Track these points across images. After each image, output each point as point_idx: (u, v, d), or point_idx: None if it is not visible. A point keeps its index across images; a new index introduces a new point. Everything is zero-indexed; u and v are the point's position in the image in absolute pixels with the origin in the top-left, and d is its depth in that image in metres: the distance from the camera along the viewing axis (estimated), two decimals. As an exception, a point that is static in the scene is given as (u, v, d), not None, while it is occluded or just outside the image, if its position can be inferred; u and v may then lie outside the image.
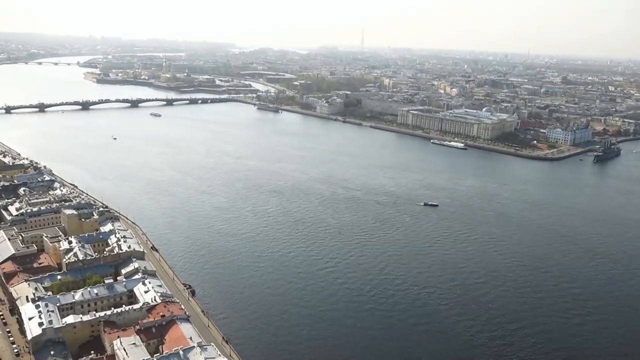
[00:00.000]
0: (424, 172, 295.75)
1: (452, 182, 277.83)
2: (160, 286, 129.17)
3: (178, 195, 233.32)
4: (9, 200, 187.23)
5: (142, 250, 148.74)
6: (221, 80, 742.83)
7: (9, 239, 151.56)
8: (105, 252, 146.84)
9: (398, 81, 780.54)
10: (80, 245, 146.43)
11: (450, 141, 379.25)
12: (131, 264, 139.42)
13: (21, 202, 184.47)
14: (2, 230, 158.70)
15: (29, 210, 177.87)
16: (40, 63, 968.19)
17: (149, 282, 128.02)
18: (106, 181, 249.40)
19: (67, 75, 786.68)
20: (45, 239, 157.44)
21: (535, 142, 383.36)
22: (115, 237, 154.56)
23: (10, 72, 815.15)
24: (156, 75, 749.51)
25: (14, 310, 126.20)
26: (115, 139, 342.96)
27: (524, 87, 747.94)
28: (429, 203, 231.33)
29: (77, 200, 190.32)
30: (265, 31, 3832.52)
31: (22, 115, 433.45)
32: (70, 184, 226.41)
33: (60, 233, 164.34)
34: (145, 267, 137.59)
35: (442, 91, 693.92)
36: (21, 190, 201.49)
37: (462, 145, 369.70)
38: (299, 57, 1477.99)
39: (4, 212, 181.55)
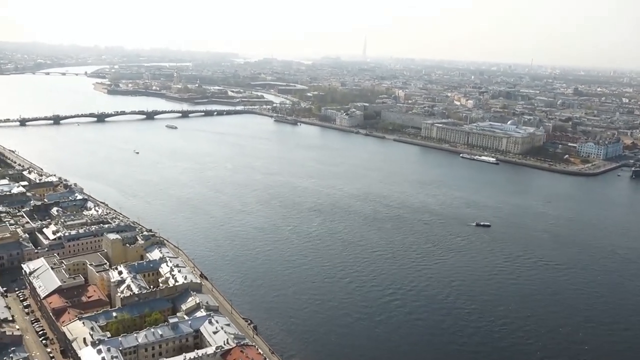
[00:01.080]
0: (462, 189, 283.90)
1: (493, 199, 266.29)
2: (229, 325, 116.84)
3: (214, 214, 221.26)
4: (44, 223, 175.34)
5: (199, 281, 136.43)
6: (233, 92, 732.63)
7: (52, 268, 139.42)
8: (160, 284, 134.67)
9: (410, 93, 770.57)
10: (132, 276, 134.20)
11: (480, 155, 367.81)
12: (190, 298, 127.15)
13: (57, 225, 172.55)
14: (43, 258, 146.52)
15: (66, 234, 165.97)
16: (47, 73, 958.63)
17: (217, 321, 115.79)
18: (137, 199, 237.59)
19: (76, 85, 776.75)
20: (90, 267, 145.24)
21: (567, 156, 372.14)
22: (167, 265, 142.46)
23: (19, 82, 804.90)
24: (167, 86, 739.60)
25: (67, 351, 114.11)
26: (137, 153, 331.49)
27: (539, 99, 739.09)
28: (481, 223, 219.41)
29: (116, 222, 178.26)
30: (266, 40, 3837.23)
31: (38, 127, 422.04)
32: (101, 202, 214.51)
33: (104, 260, 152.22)
34: (207, 302, 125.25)
35: (457, 103, 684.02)
36: (54, 211, 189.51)
37: (494, 159, 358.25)
38: (305, 67, 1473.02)
39: (39, 235, 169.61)
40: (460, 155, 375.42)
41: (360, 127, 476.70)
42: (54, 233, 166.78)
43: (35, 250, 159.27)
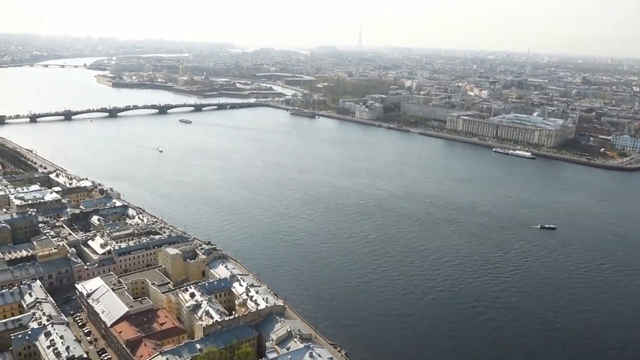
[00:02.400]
0: (506, 187, 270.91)
1: (543, 198, 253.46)
2: (332, 358, 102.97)
3: (260, 219, 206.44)
4: (89, 234, 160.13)
5: (281, 303, 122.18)
6: (240, 83, 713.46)
7: (114, 290, 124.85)
8: (237, 307, 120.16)
9: (421, 83, 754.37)
10: (207, 299, 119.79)
11: (514, 150, 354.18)
12: (277, 325, 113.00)
13: (103, 236, 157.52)
14: (100, 278, 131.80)
15: (116, 248, 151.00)
16: (46, 66, 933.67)
17: (319, 354, 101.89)
18: (173, 202, 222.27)
19: (78, 78, 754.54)
20: (153, 287, 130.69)
21: (602, 149, 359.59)
22: (241, 285, 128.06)
23: (19, 75, 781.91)
24: (172, 79, 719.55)
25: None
26: (161, 151, 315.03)
27: (552, 89, 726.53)
28: (546, 226, 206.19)
29: (167, 233, 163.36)
30: (259, 29, 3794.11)
31: (49, 124, 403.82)
32: (138, 208, 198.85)
33: (165, 278, 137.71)
34: (299, 330, 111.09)
35: (471, 93, 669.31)
36: (94, 220, 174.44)
37: (530, 154, 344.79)
38: (304, 57, 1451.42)
39: (84, 248, 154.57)
40: (493, 149, 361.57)
41: (381, 120, 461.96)
42: (102, 246, 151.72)
43: (85, 267, 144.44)
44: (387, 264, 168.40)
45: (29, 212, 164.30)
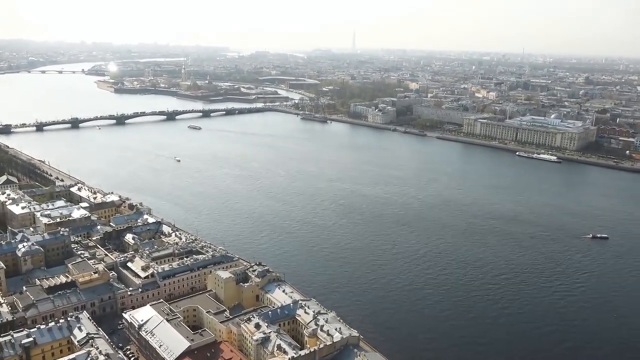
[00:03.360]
0: (542, 193, 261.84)
1: (583, 204, 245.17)
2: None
3: (297, 233, 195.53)
4: (127, 255, 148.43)
5: (356, 334, 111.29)
6: (245, 88, 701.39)
7: (168, 320, 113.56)
8: (306, 339, 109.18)
9: (426, 85, 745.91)
10: (274, 330, 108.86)
11: (539, 153, 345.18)
12: (357, 359, 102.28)
13: (142, 257, 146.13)
14: (150, 306, 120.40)
15: (159, 270, 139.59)
16: (44, 72, 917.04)
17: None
18: (202, 216, 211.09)
19: (78, 84, 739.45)
20: (209, 316, 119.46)
21: (627, 152, 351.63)
22: (307, 312, 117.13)
23: (18, 82, 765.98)
24: (175, 84, 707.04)
25: None
26: (179, 160, 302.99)
27: (559, 90, 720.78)
28: (598, 235, 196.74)
29: (210, 252, 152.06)
30: (253, 33, 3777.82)
31: (56, 132, 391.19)
32: (168, 224, 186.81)
33: (218, 304, 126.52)
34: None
35: (479, 95, 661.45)
36: (129, 239, 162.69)
37: (555, 158, 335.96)
38: (302, 60, 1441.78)
39: (124, 271, 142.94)
40: (517, 153, 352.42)
41: (394, 124, 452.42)
42: (143, 269, 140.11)
43: (129, 293, 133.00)
44: (445, 282, 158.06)
45: (61, 232, 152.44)
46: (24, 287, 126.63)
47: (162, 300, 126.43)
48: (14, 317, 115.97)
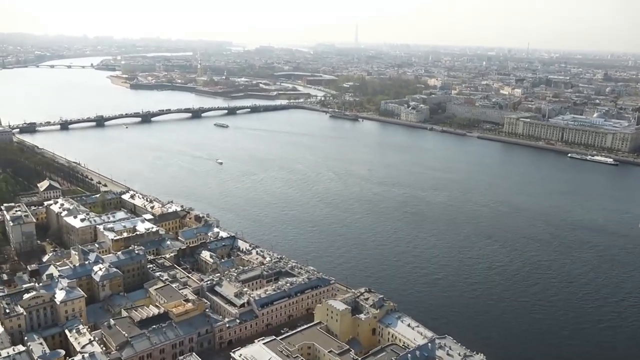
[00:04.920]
0: (617, 200, 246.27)
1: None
2: None
3: (375, 246, 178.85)
4: (214, 279, 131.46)
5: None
6: (263, 84, 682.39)
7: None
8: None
9: (449, 82, 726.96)
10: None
11: (593, 155, 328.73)
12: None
13: (231, 281, 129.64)
14: (261, 343, 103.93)
15: (255, 297, 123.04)
16: (52, 66, 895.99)
17: None
18: (264, 226, 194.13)
19: (90, 79, 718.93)
20: (332, 357, 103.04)
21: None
22: (448, 353, 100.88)
23: (27, 76, 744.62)
24: (191, 79, 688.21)
25: None
26: (221, 163, 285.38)
27: (585, 87, 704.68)
28: None
29: (304, 275, 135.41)
30: (256, 27, 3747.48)
31: (82, 131, 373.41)
32: (241, 238, 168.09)
33: (333, 340, 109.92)
34: None
35: (504, 92, 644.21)
36: (206, 257, 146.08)
37: (611, 160, 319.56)
38: (311, 55, 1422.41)
39: (213, 297, 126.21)
40: (569, 155, 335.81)
41: (428, 122, 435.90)
42: (237, 296, 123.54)
43: (227, 325, 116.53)
44: (560, 307, 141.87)
45: (136, 251, 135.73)
46: (111, 320, 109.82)
47: (275, 338, 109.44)
48: (108, 359, 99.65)
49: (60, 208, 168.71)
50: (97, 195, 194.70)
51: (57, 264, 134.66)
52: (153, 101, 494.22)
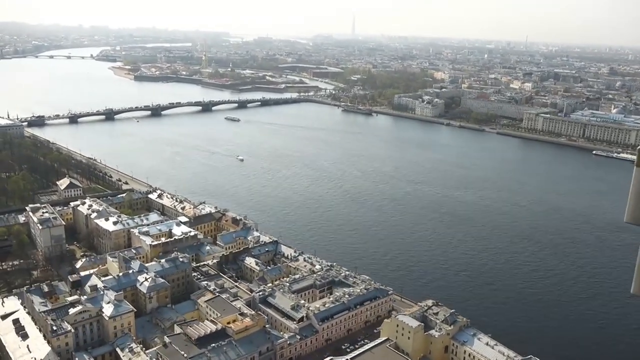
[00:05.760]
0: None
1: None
2: None
3: (419, 251, 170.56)
4: (266, 289, 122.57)
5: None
6: (269, 76, 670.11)
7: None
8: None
9: (458, 76, 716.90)
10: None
11: (618, 153, 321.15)
12: None
13: (285, 292, 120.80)
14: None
15: (314, 310, 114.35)
16: (51, 57, 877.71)
17: None
18: (298, 228, 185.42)
19: (92, 70, 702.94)
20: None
21: None
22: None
23: (27, 67, 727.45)
24: (195, 71, 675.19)
25: None
26: (242, 160, 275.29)
27: (594, 81, 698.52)
28: None
29: (361, 285, 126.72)
30: (252, 18, 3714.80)
31: (91, 124, 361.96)
32: (283, 242, 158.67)
33: (405, 359, 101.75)
34: None
35: (515, 87, 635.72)
36: (251, 263, 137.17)
37: None
38: (310, 47, 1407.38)
39: (267, 309, 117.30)
40: (594, 152, 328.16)
41: (443, 117, 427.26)
42: (294, 309, 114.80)
43: (288, 342, 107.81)
44: (627, 319, 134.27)
45: (181, 259, 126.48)
46: (166, 338, 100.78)
47: (327, 351, 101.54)
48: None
49: (89, 209, 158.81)
50: (123, 195, 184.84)
51: (93, 271, 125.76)
52: (159, 93, 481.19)
